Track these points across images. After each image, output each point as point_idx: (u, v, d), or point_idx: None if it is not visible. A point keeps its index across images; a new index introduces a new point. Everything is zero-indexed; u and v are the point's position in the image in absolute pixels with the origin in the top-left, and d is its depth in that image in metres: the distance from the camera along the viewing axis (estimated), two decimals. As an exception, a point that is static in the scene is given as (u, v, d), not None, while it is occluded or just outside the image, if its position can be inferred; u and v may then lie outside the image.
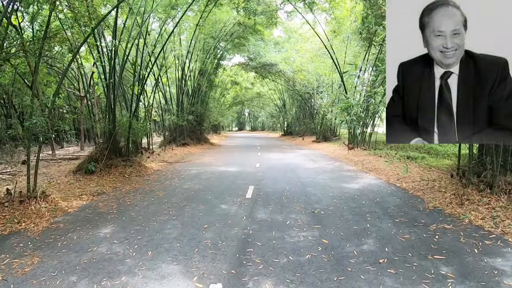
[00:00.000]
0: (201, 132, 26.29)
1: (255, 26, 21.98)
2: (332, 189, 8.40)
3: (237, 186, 8.92)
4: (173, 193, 8.29)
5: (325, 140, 26.80)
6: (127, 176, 11.17)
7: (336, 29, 17.68)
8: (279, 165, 13.32)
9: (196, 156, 17.86)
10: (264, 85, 42.75)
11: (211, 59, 24.36)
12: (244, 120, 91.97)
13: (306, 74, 25.86)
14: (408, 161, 13.41)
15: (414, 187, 8.57)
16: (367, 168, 12.14)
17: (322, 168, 12.50)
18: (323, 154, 18.41)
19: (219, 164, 14.10)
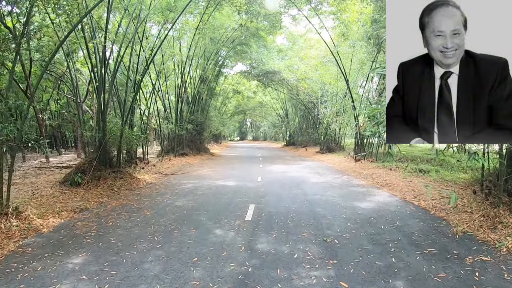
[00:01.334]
0: (200, 142, 25.34)
1: (258, 32, 21.23)
2: (344, 209, 7.38)
3: (236, 205, 7.90)
4: (163, 212, 7.30)
5: (329, 151, 25.83)
6: (116, 189, 10.24)
7: (344, 32, 16.66)
8: (283, 179, 12.31)
9: (194, 168, 16.88)
10: (266, 94, 41.94)
11: (211, 65, 23.56)
12: (246, 130, 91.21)
13: (310, 82, 24.97)
14: (420, 174, 12.43)
15: (434, 206, 7.59)
16: (378, 183, 11.12)
17: (329, 183, 11.49)
18: (328, 167, 17.39)
19: (218, 177, 13.10)
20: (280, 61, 24.92)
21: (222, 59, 26.20)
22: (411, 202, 8.28)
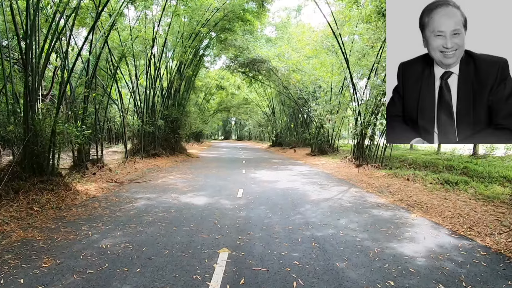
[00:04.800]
0: (176, 141, 21.97)
1: (244, 15, 18.08)
2: (383, 264, 4.27)
3: (196, 252, 4.65)
4: (68, 265, 4.10)
5: (321, 153, 22.96)
6: (36, 208, 7.19)
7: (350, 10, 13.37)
8: (272, 194, 9.11)
9: (162, 173, 13.62)
10: (252, 90, 38.75)
11: (191, 55, 20.33)
12: (230, 129, 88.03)
13: (302, 75, 21.86)
14: (447, 187, 9.64)
15: (506, 245, 4.87)
16: (403, 201, 8.19)
17: (337, 201, 8.40)
18: (326, 173, 14.38)
19: (186, 188, 9.88)
20: (269, 48, 21.71)
21: (203, 48, 22.97)
22: (470, 238, 5.41)
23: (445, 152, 19.17)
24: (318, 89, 24.01)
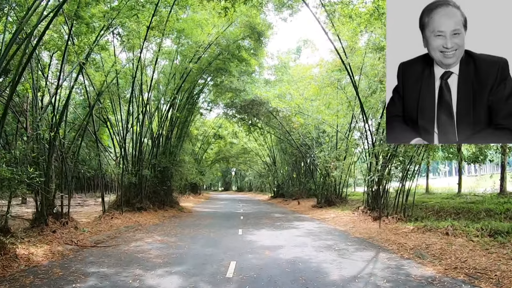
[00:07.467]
0: (166, 193, 19.58)
1: (239, 54, 16.73)
2: None
3: None
4: None
5: (328, 205, 20.41)
6: None
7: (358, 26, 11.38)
8: (276, 271, 6.36)
9: (140, 233, 11.16)
10: (251, 139, 37.03)
11: (184, 99, 18.73)
12: (230, 180, 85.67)
13: (305, 118, 20.06)
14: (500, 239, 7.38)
15: None
16: (457, 270, 5.84)
17: (370, 281, 5.74)
18: (340, 231, 11.85)
19: (159, 259, 7.32)
20: (268, 89, 20.15)
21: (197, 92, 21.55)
22: None
23: (470, 193, 16.72)
24: (322, 134, 22.21)
